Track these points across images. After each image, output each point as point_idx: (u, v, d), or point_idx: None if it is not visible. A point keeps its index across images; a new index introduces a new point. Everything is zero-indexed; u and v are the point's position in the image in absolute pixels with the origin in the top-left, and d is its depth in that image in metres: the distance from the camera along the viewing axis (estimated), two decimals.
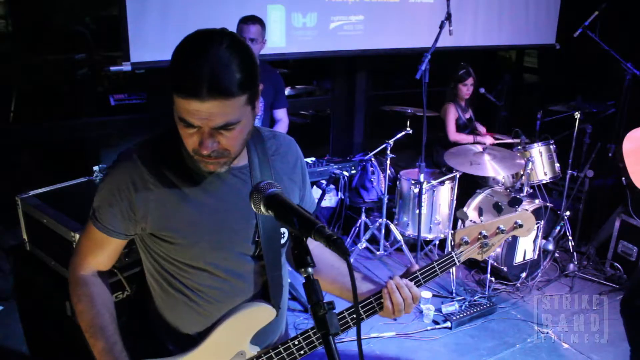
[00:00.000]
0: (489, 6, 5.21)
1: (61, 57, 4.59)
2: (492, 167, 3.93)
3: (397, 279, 1.40)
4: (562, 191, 4.34)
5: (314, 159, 3.56)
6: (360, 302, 1.38)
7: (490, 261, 3.82)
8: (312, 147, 5.42)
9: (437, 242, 4.29)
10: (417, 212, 3.90)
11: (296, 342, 1.33)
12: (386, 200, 4.19)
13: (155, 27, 3.62)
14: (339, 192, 4.32)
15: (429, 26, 4.35)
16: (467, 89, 4.44)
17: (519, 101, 6.11)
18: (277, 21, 4.14)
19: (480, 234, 1.56)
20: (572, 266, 4.05)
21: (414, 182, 4.11)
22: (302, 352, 1.33)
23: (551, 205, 3.99)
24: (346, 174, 3.39)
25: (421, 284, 1.45)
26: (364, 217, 4.31)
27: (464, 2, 4.94)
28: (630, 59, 4.13)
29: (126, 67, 3.62)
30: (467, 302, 3.63)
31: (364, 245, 4.20)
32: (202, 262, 1.30)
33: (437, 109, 4.45)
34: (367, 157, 4.38)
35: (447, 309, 3.53)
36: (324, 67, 5.45)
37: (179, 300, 1.34)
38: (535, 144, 4.25)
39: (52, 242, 2.17)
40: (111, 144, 4.46)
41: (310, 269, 1.00)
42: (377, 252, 4.29)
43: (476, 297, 3.69)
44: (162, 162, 1.27)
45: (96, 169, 2.54)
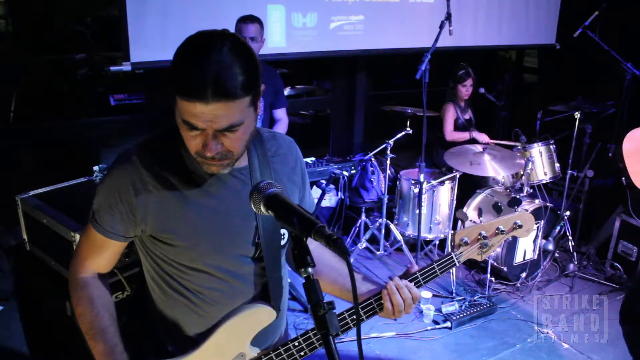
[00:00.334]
0: (489, 6, 5.21)
1: (61, 57, 4.59)
2: (492, 167, 3.93)
3: (397, 280, 1.40)
4: (562, 191, 4.34)
5: (314, 159, 3.56)
6: (360, 303, 1.38)
7: (490, 261, 3.82)
8: (312, 147, 5.42)
9: (437, 242, 4.29)
10: (417, 212, 3.90)
11: (296, 344, 1.33)
12: (386, 200, 4.19)
13: (155, 27, 3.62)
14: (339, 192, 4.32)
15: (429, 26, 4.35)
16: (467, 89, 4.44)
17: (519, 101, 6.11)
18: (277, 21, 4.14)
19: (479, 234, 1.56)
20: (572, 266, 4.05)
21: (414, 182, 4.11)
22: (302, 353, 1.33)
23: (551, 205, 3.98)
24: (346, 174, 3.39)
25: (421, 284, 1.45)
26: (364, 217, 4.31)
27: (464, 2, 4.94)
28: (630, 59, 4.13)
29: (126, 67, 3.62)
30: (467, 302, 3.63)
31: (364, 245, 4.20)
32: (202, 264, 1.30)
33: (437, 109, 4.45)
34: (367, 157, 4.38)
35: (447, 309, 3.53)
36: (324, 67, 5.46)
37: (178, 301, 1.34)
38: (535, 144, 4.25)
39: (52, 242, 2.17)
40: (111, 144, 4.46)
41: (310, 269, 1.00)
42: (377, 252, 4.29)
43: (476, 297, 3.69)
44: (161, 164, 1.26)
45: (96, 169, 2.54)
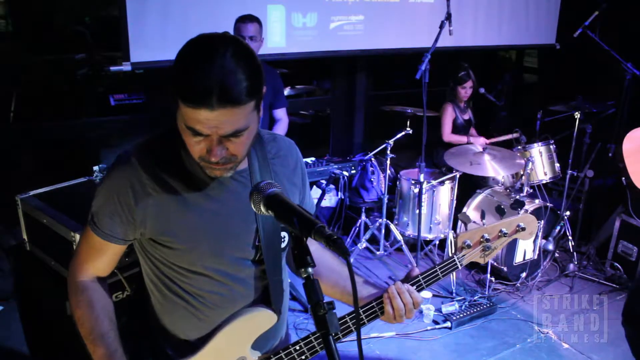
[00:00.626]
0: (489, 6, 5.21)
1: (61, 57, 4.59)
2: (492, 167, 3.93)
3: (399, 284, 1.39)
4: (562, 191, 4.34)
5: (314, 159, 3.56)
6: (361, 306, 1.37)
7: (490, 261, 3.83)
8: (312, 147, 5.42)
9: (437, 242, 4.29)
10: (417, 212, 3.90)
11: (297, 347, 1.32)
12: (386, 200, 4.19)
13: (155, 27, 3.62)
14: (339, 192, 4.32)
15: (429, 26, 4.35)
16: (466, 91, 4.44)
17: (519, 101, 6.11)
18: (277, 21, 4.14)
19: (482, 237, 1.56)
20: (572, 266, 4.05)
21: (414, 182, 4.11)
22: (303, 357, 1.32)
23: (551, 205, 3.99)
24: (346, 174, 3.40)
25: (423, 288, 1.44)
26: (364, 217, 4.31)
27: (464, 2, 4.94)
28: (630, 59, 4.13)
29: (126, 67, 3.62)
30: (467, 302, 3.63)
31: (364, 245, 4.20)
32: (201, 267, 1.29)
33: (437, 109, 4.45)
34: (367, 157, 4.38)
35: (447, 309, 3.53)
36: (324, 67, 5.46)
37: (178, 305, 1.33)
38: (535, 144, 4.25)
39: (52, 242, 2.17)
40: (111, 144, 4.46)
41: (310, 269, 1.00)
42: (377, 252, 4.29)
43: (476, 297, 3.69)
44: (161, 166, 1.25)
45: (96, 169, 2.54)
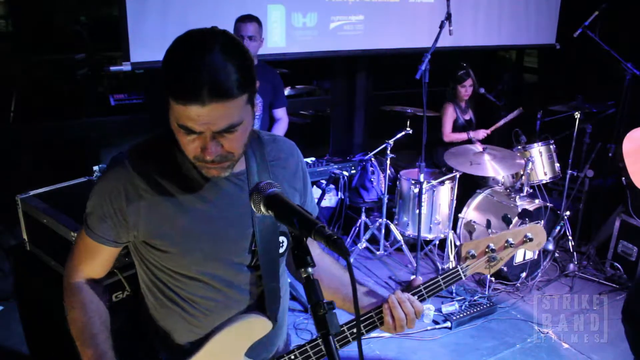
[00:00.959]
0: (489, 6, 5.21)
1: (61, 57, 4.59)
2: (492, 167, 3.93)
3: (399, 293, 1.36)
4: (562, 191, 4.34)
5: (314, 159, 3.56)
6: (361, 315, 1.35)
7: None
8: (312, 147, 5.42)
9: (437, 242, 4.29)
10: (417, 212, 3.90)
11: (292, 357, 1.30)
12: (386, 200, 4.19)
13: (155, 27, 3.62)
14: (339, 192, 4.32)
15: (429, 26, 4.35)
16: (466, 90, 4.44)
17: (519, 101, 6.10)
18: (277, 21, 4.14)
19: (487, 247, 1.51)
20: (572, 266, 4.05)
21: (414, 182, 4.11)
22: None
23: (551, 205, 3.99)
24: (346, 174, 3.39)
25: (425, 298, 1.41)
26: (364, 217, 4.31)
27: (464, 2, 4.94)
28: (630, 59, 4.13)
29: (126, 67, 3.62)
30: (467, 302, 3.63)
31: (364, 245, 4.20)
32: (195, 272, 1.27)
33: (437, 109, 4.45)
34: (367, 157, 4.38)
35: (447, 309, 3.53)
36: (324, 67, 5.45)
37: (172, 310, 1.31)
38: (535, 144, 4.25)
39: (52, 242, 2.17)
40: (111, 144, 4.46)
41: (310, 269, 1.00)
42: (377, 252, 4.29)
43: (476, 297, 3.69)
44: (155, 168, 1.23)
45: (96, 169, 2.54)
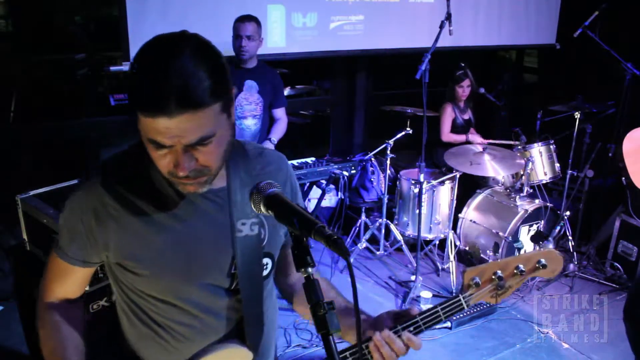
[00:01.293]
0: (489, 6, 5.21)
1: (61, 57, 4.59)
2: (492, 167, 3.93)
3: (387, 333, 1.22)
4: (562, 191, 4.34)
5: (314, 159, 3.56)
6: (346, 350, 1.24)
7: (490, 261, 3.82)
8: (312, 147, 5.42)
9: (437, 242, 4.29)
10: (417, 212, 3.90)
11: None
12: (386, 200, 4.20)
13: (155, 27, 3.62)
14: (339, 192, 4.32)
15: (429, 26, 4.34)
16: (463, 90, 4.44)
17: (519, 101, 6.11)
18: (277, 21, 4.14)
19: (494, 274, 1.34)
20: (572, 266, 4.05)
21: (414, 182, 4.11)
22: None
23: (551, 205, 3.99)
24: (346, 174, 3.39)
25: (422, 330, 1.27)
26: (364, 217, 4.31)
27: (464, 2, 4.94)
28: (630, 59, 4.13)
29: (126, 67, 3.62)
30: None
31: (364, 245, 4.20)
32: (170, 296, 1.19)
33: (437, 109, 4.45)
34: (367, 157, 4.38)
35: None
36: (324, 67, 5.45)
37: (146, 334, 1.24)
38: (535, 144, 4.25)
39: (52, 242, 2.16)
40: (111, 144, 4.45)
41: (310, 269, 0.99)
42: (377, 252, 4.29)
43: None
44: (126, 184, 1.15)
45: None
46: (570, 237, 4.10)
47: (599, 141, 4.27)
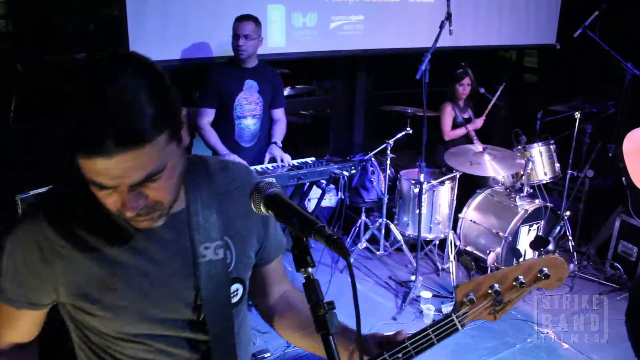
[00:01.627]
0: (489, 6, 5.21)
1: (61, 57, 4.59)
2: (492, 167, 3.93)
3: None
4: (562, 191, 4.34)
5: (314, 159, 3.56)
6: None
7: (489, 262, 3.83)
8: (312, 147, 5.42)
9: (437, 242, 4.29)
10: (417, 212, 3.90)
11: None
12: (386, 200, 4.20)
13: (155, 27, 3.62)
14: (339, 192, 4.32)
15: (429, 26, 4.34)
16: (464, 88, 4.44)
17: (519, 101, 6.11)
18: (277, 21, 4.14)
19: (491, 287, 1.20)
20: (572, 266, 4.05)
21: (414, 182, 4.11)
22: None
23: (551, 205, 3.99)
24: (346, 174, 3.39)
25: (412, 356, 1.15)
26: (364, 217, 4.31)
27: (464, 2, 4.93)
28: (630, 59, 4.13)
29: None
30: None
31: (364, 245, 4.20)
32: (131, 335, 1.09)
33: (437, 109, 4.46)
34: (367, 157, 4.38)
35: (447, 308, 3.53)
36: (324, 67, 5.45)
37: None
38: (535, 144, 4.25)
39: None
40: None
41: (310, 269, 0.98)
42: (377, 252, 4.29)
43: None
44: (75, 217, 1.03)
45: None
46: (570, 237, 4.10)
47: (599, 141, 4.27)
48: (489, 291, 1.21)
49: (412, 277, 3.86)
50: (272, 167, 3.38)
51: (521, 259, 3.54)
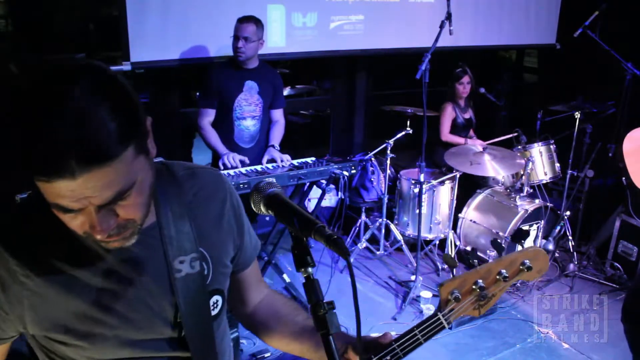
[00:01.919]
0: (489, 6, 5.21)
1: (61, 57, 4.58)
2: (492, 167, 3.93)
3: None
4: (562, 191, 4.35)
5: (314, 159, 3.56)
6: None
7: (489, 261, 3.82)
8: (312, 147, 5.42)
9: (437, 242, 4.29)
10: (417, 212, 3.90)
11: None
12: (386, 200, 4.20)
13: (155, 27, 3.62)
14: (339, 192, 4.32)
15: (429, 26, 4.34)
16: (464, 87, 4.44)
17: (519, 101, 6.11)
18: (277, 21, 4.14)
19: (475, 283, 1.21)
20: (572, 266, 4.05)
21: (414, 182, 4.11)
22: None
23: (551, 205, 3.99)
24: (346, 173, 3.39)
25: (400, 357, 1.13)
26: (364, 217, 4.31)
27: (464, 2, 4.94)
28: (630, 59, 4.13)
29: (126, 67, 3.61)
30: None
31: (364, 245, 4.20)
32: None
33: (437, 109, 4.46)
34: (367, 157, 4.38)
35: None
36: (324, 67, 5.45)
37: None
38: (535, 144, 4.26)
39: None
40: None
41: (310, 269, 0.98)
42: (377, 252, 4.29)
43: None
44: (39, 241, 0.94)
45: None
46: (570, 237, 4.11)
47: (599, 141, 4.27)
48: (474, 287, 1.22)
49: (412, 277, 3.86)
50: (272, 167, 3.38)
51: (503, 253, 3.57)
